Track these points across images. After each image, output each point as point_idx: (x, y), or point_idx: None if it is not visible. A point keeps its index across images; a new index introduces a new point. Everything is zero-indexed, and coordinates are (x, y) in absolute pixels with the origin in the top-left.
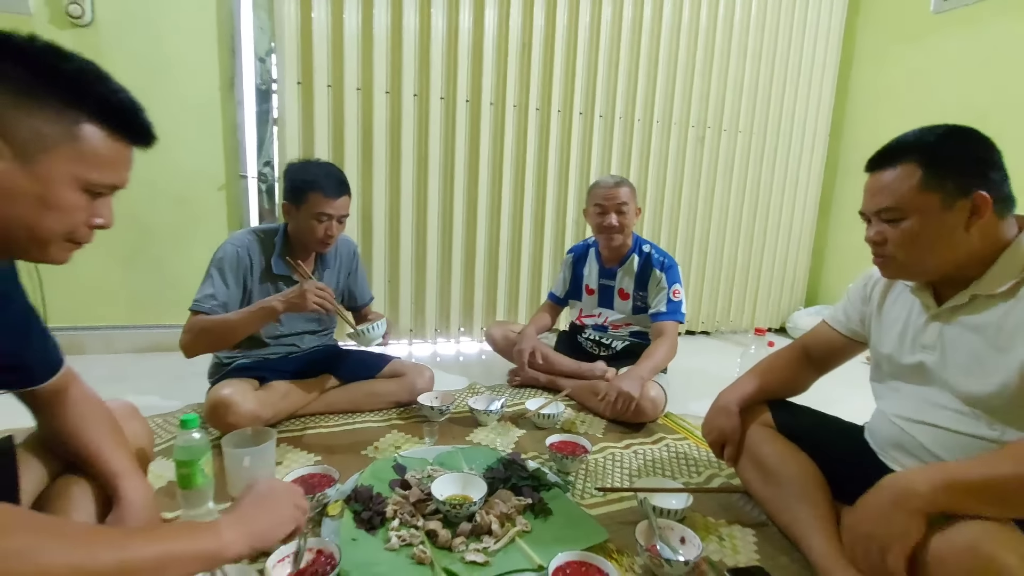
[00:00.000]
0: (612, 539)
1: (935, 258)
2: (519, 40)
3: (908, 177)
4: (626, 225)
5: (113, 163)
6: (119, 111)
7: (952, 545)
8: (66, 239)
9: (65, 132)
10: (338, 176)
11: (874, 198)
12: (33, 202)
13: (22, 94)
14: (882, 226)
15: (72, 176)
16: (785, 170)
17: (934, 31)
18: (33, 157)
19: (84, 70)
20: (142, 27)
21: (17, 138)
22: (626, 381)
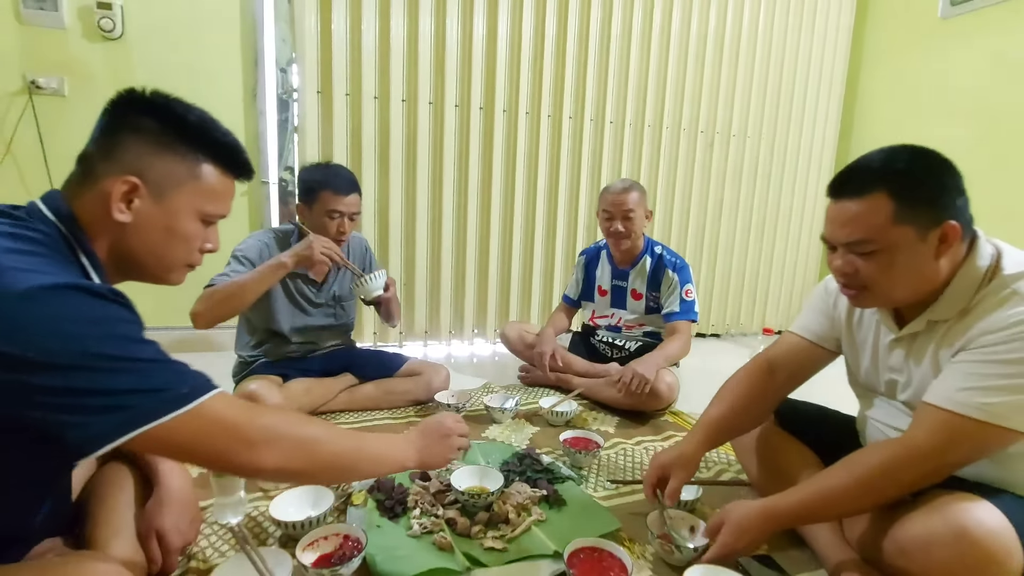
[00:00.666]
0: (624, 529)
1: (906, 289)
2: (531, 49)
3: (879, 209)
4: (634, 230)
5: (225, 196)
6: (230, 152)
7: (939, 532)
8: (185, 264)
9: (189, 172)
10: (347, 175)
11: (843, 228)
12: (162, 232)
13: (155, 142)
14: (851, 257)
15: (194, 209)
16: (794, 174)
17: (942, 36)
18: (164, 194)
19: (204, 119)
20: (170, 40)
21: (152, 179)
22: (642, 365)
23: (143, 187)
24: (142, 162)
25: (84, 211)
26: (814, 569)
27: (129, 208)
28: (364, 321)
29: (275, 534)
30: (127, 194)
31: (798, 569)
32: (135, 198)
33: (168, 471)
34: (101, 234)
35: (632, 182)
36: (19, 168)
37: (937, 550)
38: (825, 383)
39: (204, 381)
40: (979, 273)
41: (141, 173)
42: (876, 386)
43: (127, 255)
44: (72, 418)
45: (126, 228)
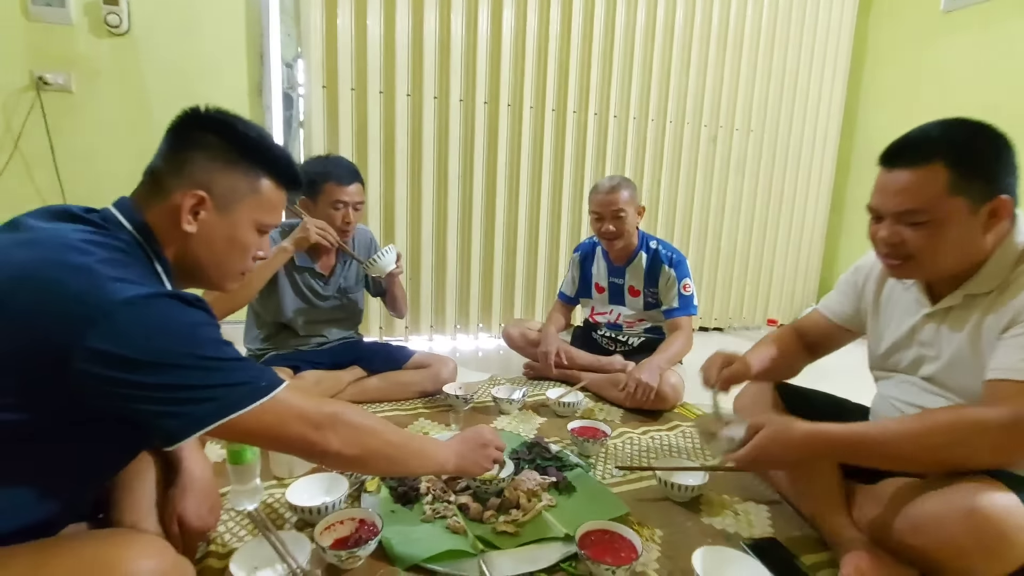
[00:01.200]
0: (633, 513)
1: (951, 261)
2: (535, 43)
3: (934, 179)
4: (624, 230)
5: (279, 207)
6: (285, 167)
7: (952, 507)
8: (241, 272)
9: (250, 186)
10: (348, 165)
11: (895, 198)
12: (224, 242)
13: (221, 159)
14: (899, 227)
15: (253, 220)
16: (797, 167)
17: (944, 30)
18: (228, 207)
19: (263, 136)
20: (176, 35)
21: (217, 192)
22: (645, 372)
23: (209, 200)
24: (209, 177)
25: (156, 221)
26: (820, 551)
27: (196, 220)
28: (371, 315)
29: (291, 519)
30: (195, 207)
31: (804, 551)
32: (201, 210)
33: (190, 458)
34: (170, 243)
35: (620, 179)
36: (27, 163)
37: (950, 526)
38: (835, 376)
39: (275, 376)
40: (1018, 248)
41: (208, 187)
42: (899, 363)
43: (191, 263)
44: (171, 408)
45: (191, 238)
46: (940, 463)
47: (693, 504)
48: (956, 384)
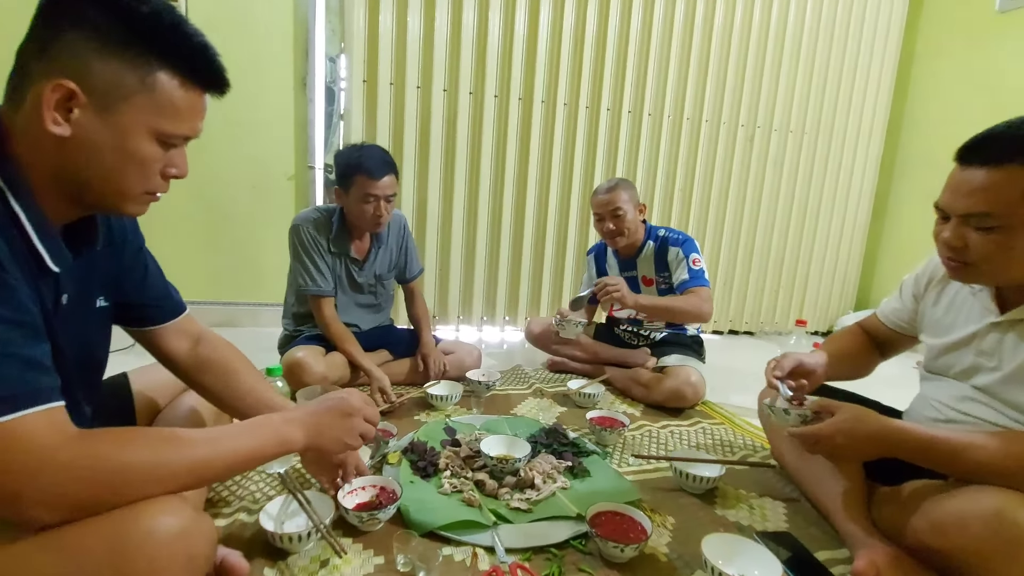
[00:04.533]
0: (646, 501)
1: (1018, 272)
2: (571, 40)
3: (1013, 183)
4: (625, 228)
5: (187, 112)
6: (193, 56)
7: (977, 509)
8: (144, 192)
9: (140, 81)
10: (381, 156)
11: (967, 199)
12: (111, 153)
13: (99, 39)
14: (965, 230)
15: (147, 126)
16: (838, 170)
17: (999, 30)
18: (111, 107)
19: (160, 12)
20: (229, 30)
21: (97, 87)
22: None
23: (82, 95)
24: (81, 64)
25: (19, 121)
26: (835, 548)
27: (67, 119)
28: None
29: (316, 484)
30: (62, 102)
31: (818, 547)
32: (74, 107)
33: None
34: (35, 148)
35: (617, 180)
36: None
37: (974, 527)
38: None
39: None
40: None
41: (80, 78)
42: (952, 367)
43: (73, 177)
44: None
45: (66, 144)
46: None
47: (708, 496)
48: (1012, 399)
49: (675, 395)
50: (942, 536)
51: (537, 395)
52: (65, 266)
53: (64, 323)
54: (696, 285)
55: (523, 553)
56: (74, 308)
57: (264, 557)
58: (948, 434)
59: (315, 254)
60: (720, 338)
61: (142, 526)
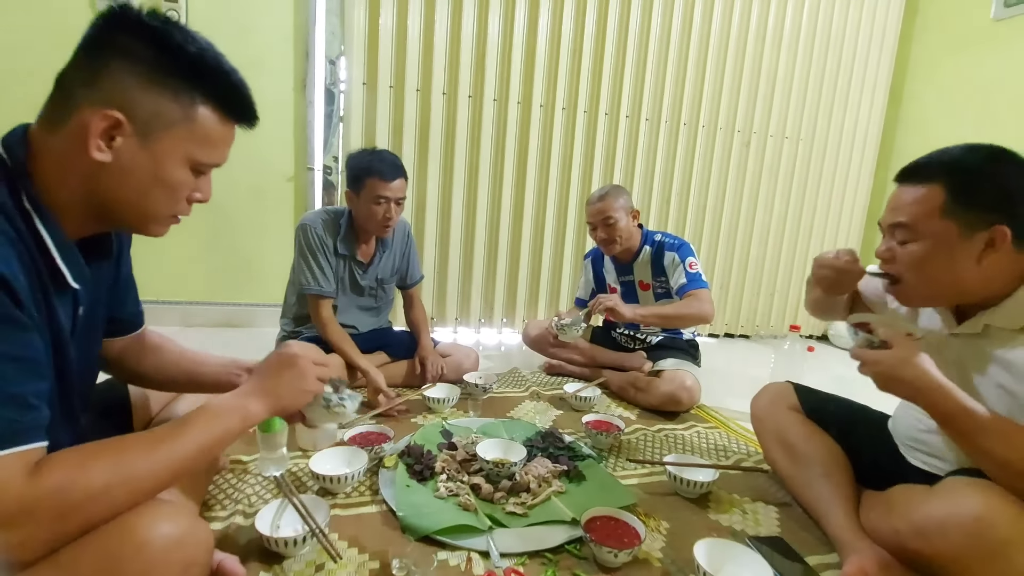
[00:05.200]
0: (640, 504)
1: (936, 286)
2: (569, 45)
3: (930, 199)
4: (617, 236)
5: (221, 143)
6: (232, 93)
7: (958, 515)
8: (170, 215)
9: (182, 112)
10: (392, 160)
11: (893, 213)
12: (146, 178)
13: (147, 73)
14: (892, 244)
15: (184, 155)
16: (832, 176)
17: (993, 38)
18: (151, 135)
19: (205, 51)
20: (229, 31)
21: (139, 117)
22: (623, 305)
23: (127, 124)
24: (129, 95)
25: (54, 143)
26: (825, 552)
27: (109, 146)
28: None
29: (313, 487)
30: (108, 130)
31: (809, 552)
32: (117, 135)
33: None
34: (73, 172)
35: (610, 188)
36: None
37: (954, 530)
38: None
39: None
40: None
41: (127, 108)
42: None
43: (104, 199)
44: None
45: (104, 168)
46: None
47: (702, 501)
48: None
49: (670, 399)
50: (925, 541)
51: (534, 398)
52: (85, 283)
53: (79, 338)
54: (695, 288)
55: (518, 558)
56: (87, 321)
57: (259, 561)
58: (982, 413)
59: (320, 255)
60: (716, 341)
61: (137, 536)
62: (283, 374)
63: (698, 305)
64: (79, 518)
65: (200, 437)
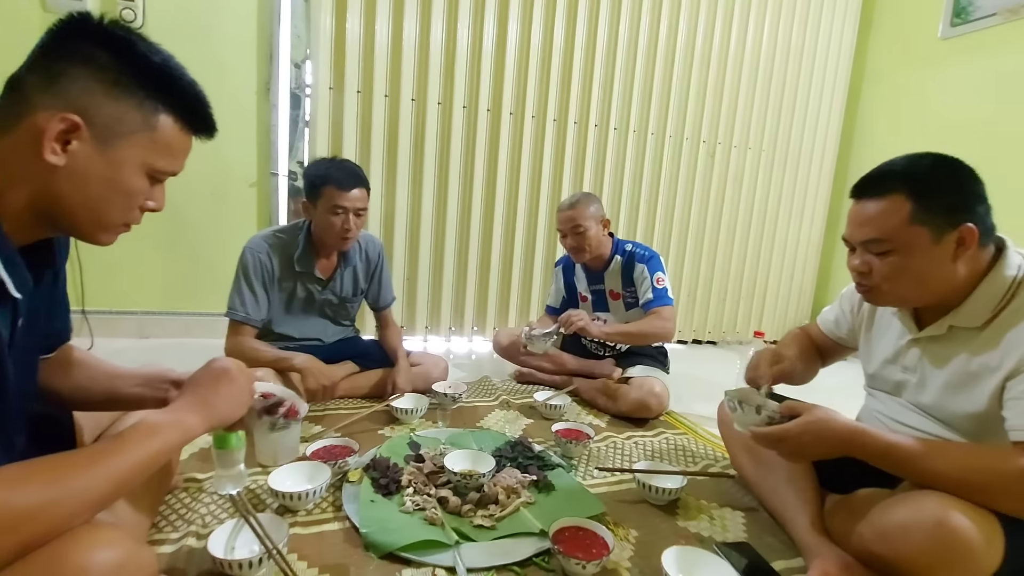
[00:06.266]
0: (609, 513)
1: (921, 290)
2: (539, 54)
3: (897, 210)
4: (586, 244)
5: (179, 152)
6: (193, 105)
7: (919, 518)
8: (122, 223)
9: (143, 121)
10: (352, 169)
11: (861, 228)
12: (101, 184)
13: (110, 80)
14: (867, 256)
15: (142, 162)
16: (794, 186)
17: (942, 56)
18: (110, 141)
19: (169, 64)
20: (189, 32)
21: (99, 122)
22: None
23: (85, 129)
24: (89, 100)
25: (1, 146)
26: (791, 557)
27: (64, 150)
28: (367, 315)
29: (272, 505)
30: (64, 133)
31: (775, 556)
32: (73, 139)
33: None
34: (21, 175)
35: (580, 195)
36: None
37: (916, 536)
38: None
39: None
40: (1006, 282)
41: (86, 112)
42: (885, 383)
43: (55, 204)
44: None
45: (57, 172)
46: (970, 498)
47: (670, 507)
48: (938, 411)
49: (639, 406)
50: (887, 544)
51: (504, 407)
52: (27, 292)
53: (18, 351)
54: (659, 305)
55: (485, 572)
56: (26, 334)
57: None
58: (910, 442)
59: (257, 282)
60: (685, 348)
61: (74, 562)
62: (219, 387)
63: (660, 324)
64: (14, 539)
65: (139, 453)
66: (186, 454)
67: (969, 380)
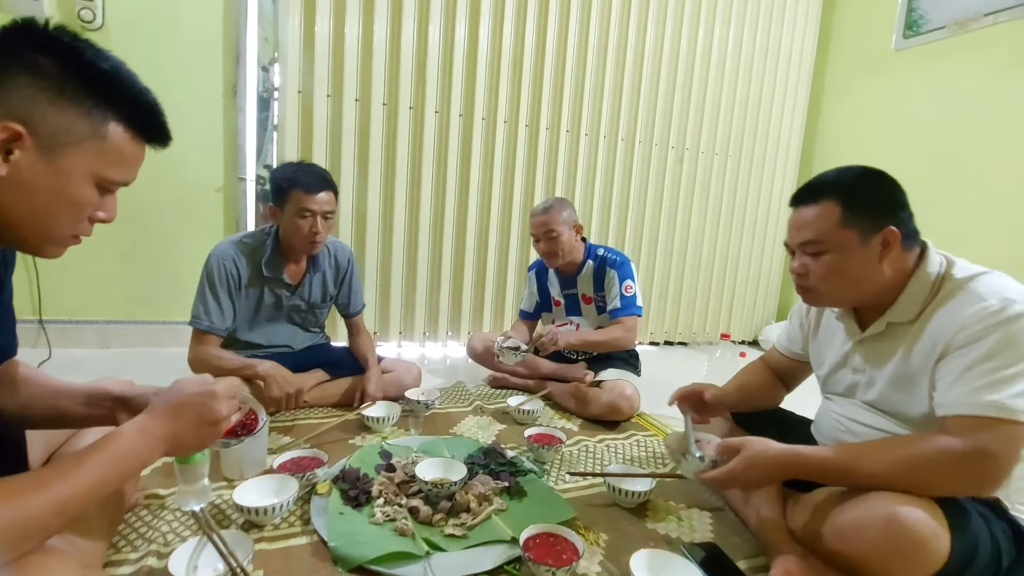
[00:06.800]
0: (580, 517)
1: (852, 288)
2: (511, 59)
3: (829, 214)
4: (559, 249)
5: (130, 161)
6: (145, 113)
7: (872, 516)
8: (71, 235)
9: (91, 130)
10: (319, 172)
11: (799, 232)
12: (47, 194)
13: (55, 88)
14: (805, 258)
15: (90, 172)
16: (759, 191)
17: (896, 66)
18: (56, 151)
19: (119, 70)
20: (151, 33)
21: (44, 132)
22: (561, 334)
23: (28, 138)
24: (33, 109)
25: None
26: (756, 556)
27: (6, 160)
28: (338, 321)
29: (237, 520)
30: (6, 143)
31: (740, 556)
32: (16, 149)
33: None
34: None
35: (554, 201)
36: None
37: (869, 532)
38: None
39: None
40: (930, 279)
41: (29, 121)
42: (838, 386)
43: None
44: None
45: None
46: (907, 489)
47: (639, 510)
48: (889, 406)
49: (611, 409)
50: (844, 542)
51: (477, 413)
52: None
53: None
54: (624, 315)
55: None
56: None
57: None
58: (839, 453)
59: (222, 291)
60: (656, 349)
61: None
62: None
63: (621, 333)
64: None
65: (88, 477)
66: (148, 469)
67: (909, 379)
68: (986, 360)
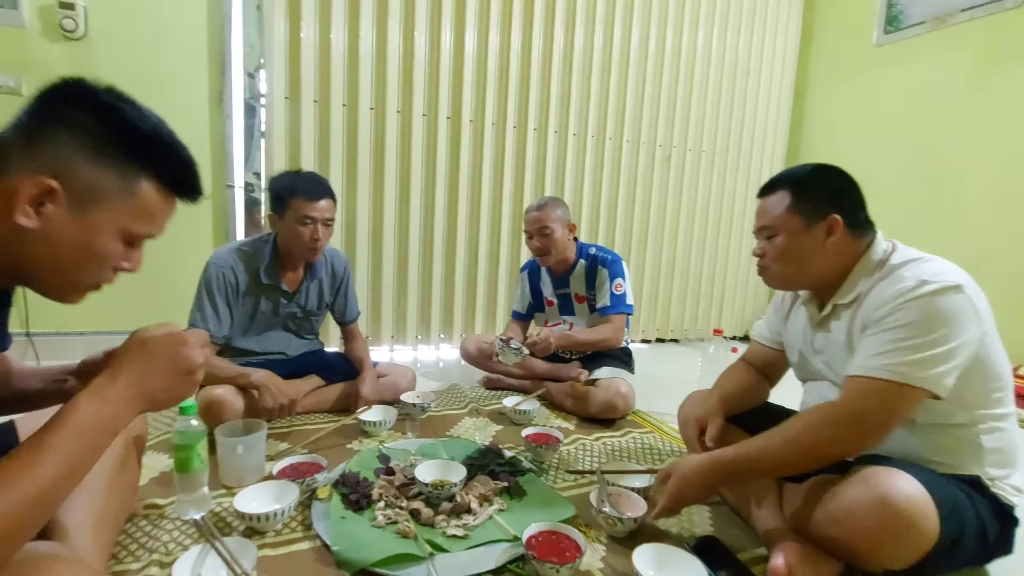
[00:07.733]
0: (580, 515)
1: (799, 269)
2: (498, 61)
3: (780, 201)
4: (552, 247)
5: (159, 217)
6: (181, 172)
7: (862, 499)
8: (94, 284)
9: (124, 187)
10: (319, 180)
11: (759, 219)
12: (74, 248)
13: (93, 147)
14: (763, 242)
15: (119, 227)
16: (746, 187)
17: (877, 62)
18: (87, 206)
19: (160, 131)
20: (134, 41)
21: (77, 187)
22: (554, 334)
23: (62, 193)
24: (68, 165)
25: None
26: (755, 547)
27: (38, 213)
28: (332, 327)
29: (239, 528)
30: (39, 196)
31: (740, 548)
32: (48, 203)
33: None
34: None
35: (548, 199)
36: None
37: (861, 516)
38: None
39: None
40: (873, 264)
41: (63, 176)
42: (809, 369)
43: (23, 264)
44: None
45: (27, 234)
46: (802, 462)
47: None
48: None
49: (607, 407)
50: (837, 526)
51: (473, 414)
52: None
53: None
54: (613, 313)
55: None
56: None
57: None
58: (750, 445)
59: (220, 298)
60: (649, 347)
61: None
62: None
63: (609, 332)
64: None
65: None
66: (146, 479)
67: (849, 350)
68: (891, 330)
